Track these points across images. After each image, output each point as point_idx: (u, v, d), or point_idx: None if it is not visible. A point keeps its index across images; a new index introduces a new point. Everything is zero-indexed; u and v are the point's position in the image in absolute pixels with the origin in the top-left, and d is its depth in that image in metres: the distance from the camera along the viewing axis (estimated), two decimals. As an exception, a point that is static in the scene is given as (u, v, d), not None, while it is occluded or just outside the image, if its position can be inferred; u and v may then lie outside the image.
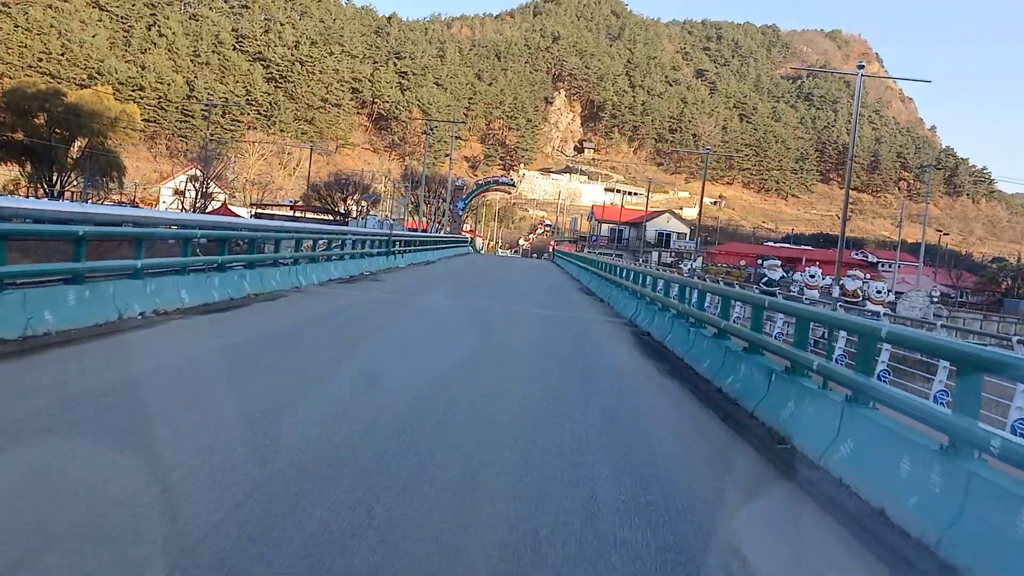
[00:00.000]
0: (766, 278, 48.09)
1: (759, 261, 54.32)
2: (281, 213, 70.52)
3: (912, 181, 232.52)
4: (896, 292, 47.35)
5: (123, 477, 3.98)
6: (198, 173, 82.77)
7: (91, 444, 4.49)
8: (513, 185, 63.97)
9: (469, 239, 59.40)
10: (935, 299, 50.37)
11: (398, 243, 24.20)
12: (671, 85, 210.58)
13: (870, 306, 36.42)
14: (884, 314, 21.94)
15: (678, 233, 68.96)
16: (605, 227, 70.66)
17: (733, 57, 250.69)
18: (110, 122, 68.52)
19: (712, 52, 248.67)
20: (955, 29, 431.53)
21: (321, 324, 11.39)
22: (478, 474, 4.71)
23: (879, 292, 41.65)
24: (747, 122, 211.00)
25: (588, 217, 78.86)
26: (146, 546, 3.25)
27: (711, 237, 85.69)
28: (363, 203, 67.18)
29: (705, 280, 43.84)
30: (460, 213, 58.62)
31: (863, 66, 32.54)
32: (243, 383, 6.56)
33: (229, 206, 78.52)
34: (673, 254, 59.06)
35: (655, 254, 61.77)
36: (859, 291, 45.07)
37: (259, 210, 74.33)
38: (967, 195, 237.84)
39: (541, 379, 8.58)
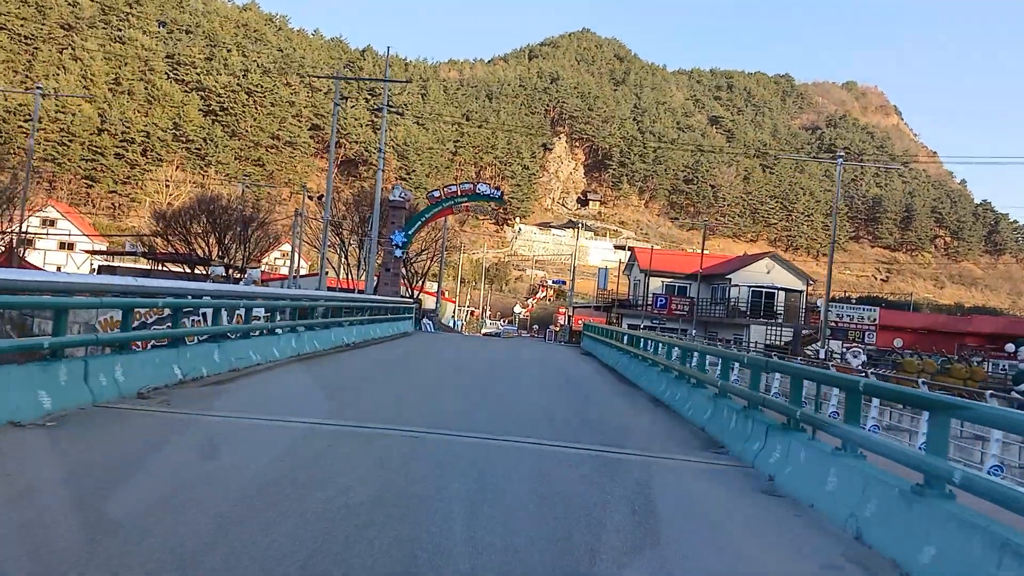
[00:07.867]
0: (1029, 377, 19.36)
1: (1011, 348, 26.86)
2: (130, 266, 43.58)
3: (948, 239, 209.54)
4: None
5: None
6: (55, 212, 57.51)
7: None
8: (500, 200, 37.42)
9: (419, 306, 33.27)
10: None
11: None
12: (683, 131, 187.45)
13: None
14: None
15: (789, 290, 39.40)
16: (654, 281, 42.55)
17: (747, 106, 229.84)
18: None
19: (724, 100, 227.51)
20: (974, 78, 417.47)
21: None
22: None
23: None
24: (770, 172, 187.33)
25: (626, 268, 50.60)
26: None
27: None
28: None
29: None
30: (398, 254, 31.81)
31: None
32: None
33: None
34: (830, 333, 29.50)
35: (754, 329, 33.87)
36: None
37: (104, 260, 47.91)
38: (1010, 253, 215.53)
39: None
